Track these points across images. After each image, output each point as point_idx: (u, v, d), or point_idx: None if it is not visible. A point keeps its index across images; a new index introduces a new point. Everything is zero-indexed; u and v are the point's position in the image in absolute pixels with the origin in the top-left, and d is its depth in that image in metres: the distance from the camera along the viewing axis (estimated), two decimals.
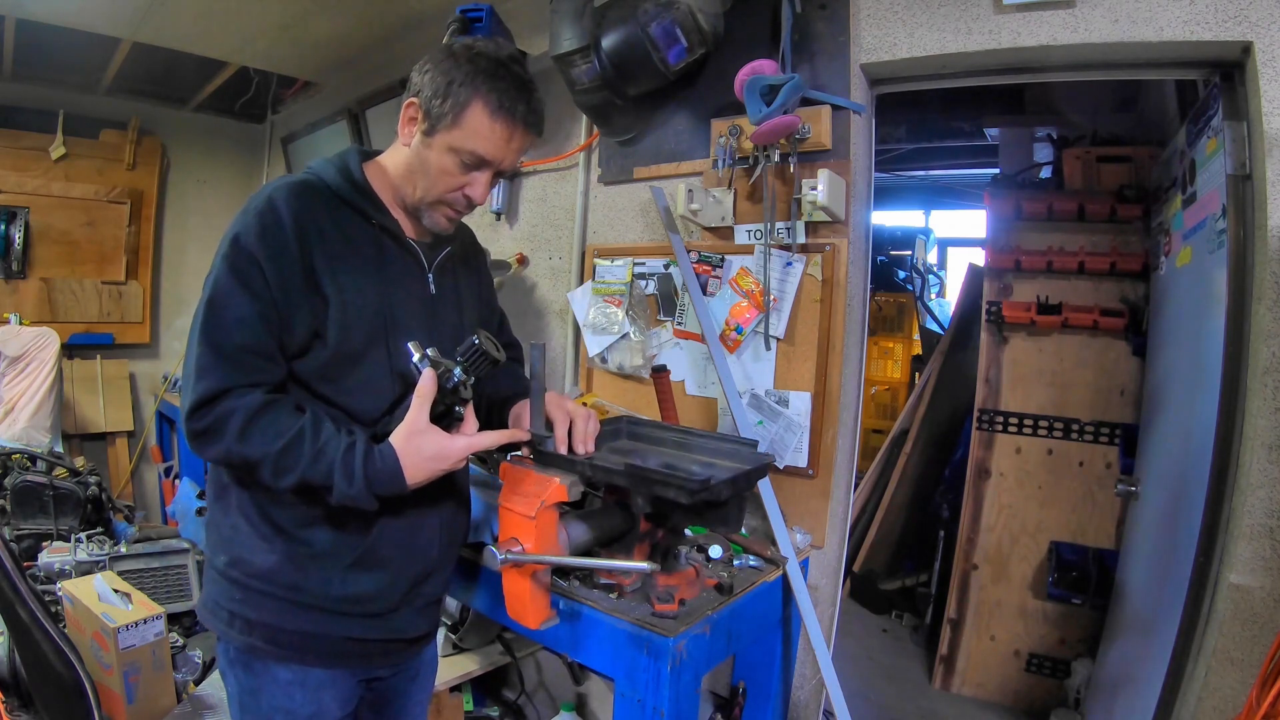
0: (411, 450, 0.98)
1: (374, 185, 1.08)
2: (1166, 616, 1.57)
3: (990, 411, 2.60)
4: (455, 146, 1.02)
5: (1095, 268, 2.42)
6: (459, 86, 1.00)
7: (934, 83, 1.75)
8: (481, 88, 1.00)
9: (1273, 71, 1.31)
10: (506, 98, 1.02)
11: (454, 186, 1.06)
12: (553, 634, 1.22)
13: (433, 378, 0.98)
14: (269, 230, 0.97)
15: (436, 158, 1.04)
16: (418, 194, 1.08)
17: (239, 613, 1.05)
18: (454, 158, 1.03)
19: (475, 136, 1.02)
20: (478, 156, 1.04)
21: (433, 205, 1.08)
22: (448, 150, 1.03)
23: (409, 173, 1.07)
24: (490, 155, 1.04)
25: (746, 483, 1.19)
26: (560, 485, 1.10)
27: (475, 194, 1.08)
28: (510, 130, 1.04)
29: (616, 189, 2.18)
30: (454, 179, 1.05)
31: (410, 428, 0.98)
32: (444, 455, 0.99)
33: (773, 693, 1.71)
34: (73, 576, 2.17)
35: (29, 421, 3.10)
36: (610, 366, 2.11)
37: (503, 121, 1.02)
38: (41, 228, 3.59)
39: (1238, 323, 1.42)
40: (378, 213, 1.07)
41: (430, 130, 1.03)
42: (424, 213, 1.10)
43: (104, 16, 2.71)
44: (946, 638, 2.68)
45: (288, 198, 1.00)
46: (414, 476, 0.99)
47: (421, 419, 0.98)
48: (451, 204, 1.09)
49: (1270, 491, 1.31)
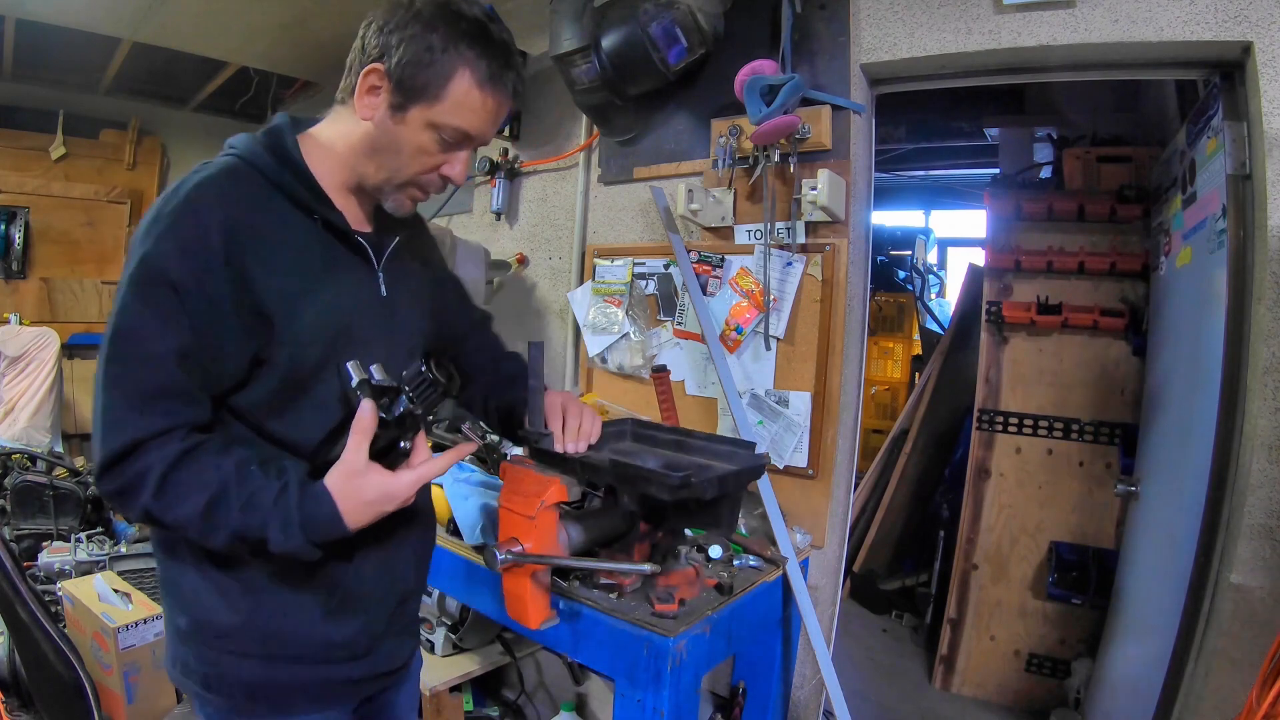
0: (351, 493, 0.84)
1: (312, 168, 0.90)
2: (1166, 616, 1.57)
3: (990, 411, 2.60)
4: (436, 122, 0.87)
5: (1095, 268, 2.42)
6: (441, 53, 0.85)
7: (934, 83, 1.75)
8: (468, 54, 0.86)
9: (1273, 71, 1.31)
10: (495, 65, 0.88)
11: (430, 167, 0.92)
12: (553, 634, 1.22)
13: (372, 409, 0.84)
14: (189, 245, 0.79)
15: (412, 135, 0.88)
16: (383, 175, 0.92)
17: (212, 674, 0.93)
18: (433, 134, 0.88)
19: (461, 110, 0.87)
20: (462, 133, 0.89)
21: (401, 187, 0.93)
22: (426, 126, 0.88)
23: (372, 151, 0.90)
24: (476, 131, 0.90)
25: (735, 483, 1.16)
26: (560, 485, 1.10)
27: (454, 173, 0.93)
28: (500, 103, 0.91)
29: (616, 189, 2.18)
30: (431, 158, 0.91)
31: (347, 469, 0.84)
32: (389, 496, 0.86)
33: (773, 693, 1.71)
34: (73, 576, 2.17)
35: (29, 421, 3.11)
36: (610, 366, 2.11)
37: (492, 93, 0.89)
38: (41, 228, 3.60)
39: (1238, 323, 1.42)
40: (320, 204, 0.89)
41: (403, 105, 0.87)
42: (388, 195, 0.94)
43: (104, 16, 2.71)
44: (946, 638, 2.67)
45: (214, 198, 0.82)
46: (355, 521, 0.85)
47: (359, 459, 0.84)
48: (424, 186, 0.94)
49: (1270, 491, 1.31)
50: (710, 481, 1.08)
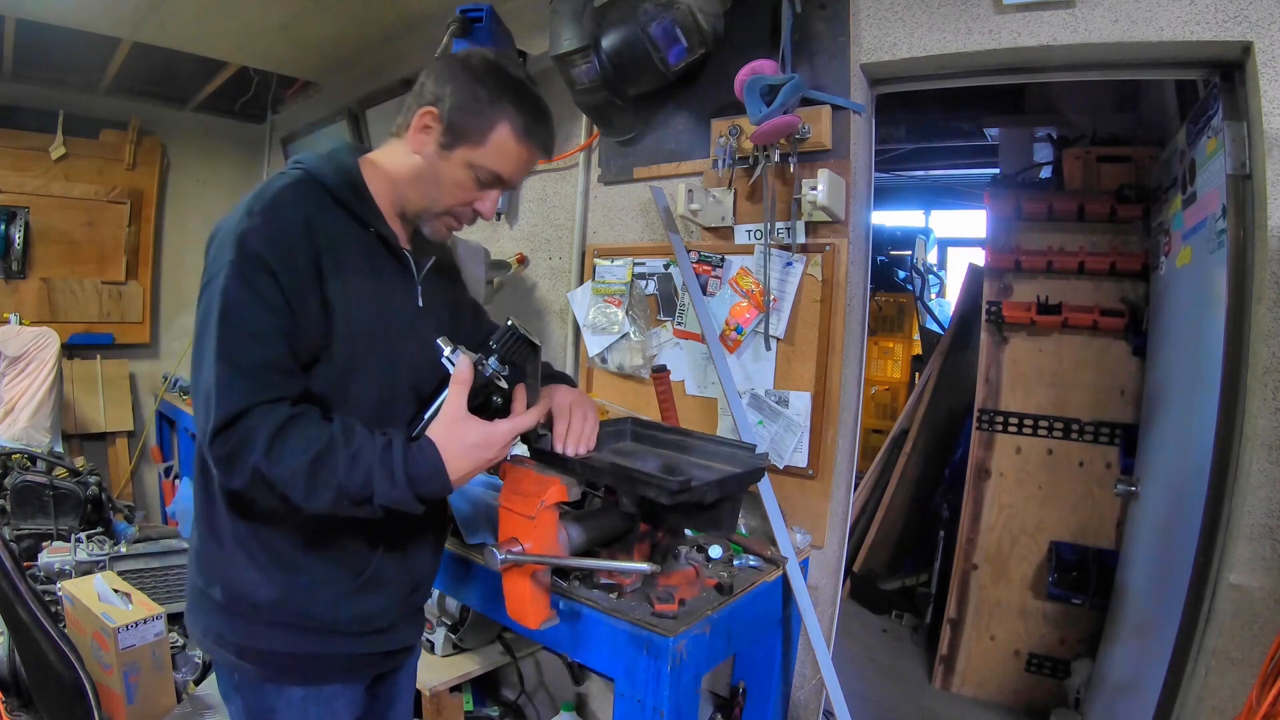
0: (454, 440, 0.93)
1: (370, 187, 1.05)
2: (1166, 616, 1.57)
3: (990, 411, 2.60)
4: (475, 163, 1.02)
5: (1095, 268, 2.42)
6: (487, 105, 1.00)
7: (934, 83, 1.75)
8: (509, 108, 1.00)
9: (1273, 71, 1.31)
10: (533, 121, 1.02)
11: (465, 201, 1.06)
12: (553, 634, 1.22)
13: (469, 365, 0.95)
14: (279, 233, 0.92)
15: (452, 171, 1.02)
16: (424, 203, 1.05)
17: (248, 645, 1.02)
18: (470, 173, 1.03)
19: (498, 156, 1.02)
20: (496, 175, 1.03)
21: (438, 216, 1.07)
22: (466, 165, 1.02)
23: (417, 181, 1.04)
24: (508, 175, 1.05)
25: (735, 486, 1.17)
26: (560, 485, 1.10)
27: (484, 209, 1.07)
28: (532, 155, 1.05)
29: (616, 189, 2.18)
30: (466, 194, 1.05)
31: (449, 418, 0.94)
32: (489, 442, 0.95)
33: (773, 693, 1.71)
34: (73, 576, 2.17)
35: (29, 421, 3.10)
36: (610, 366, 2.11)
37: (527, 145, 1.03)
38: (41, 228, 3.59)
39: (1238, 323, 1.42)
40: (375, 219, 1.03)
41: (450, 144, 1.01)
42: (426, 222, 1.08)
43: (104, 16, 2.71)
44: (946, 637, 2.68)
45: (295, 198, 0.96)
46: (458, 469, 0.94)
47: (460, 408, 0.94)
48: (458, 217, 1.08)
49: (1270, 491, 1.31)
50: (710, 485, 1.08)
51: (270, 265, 0.90)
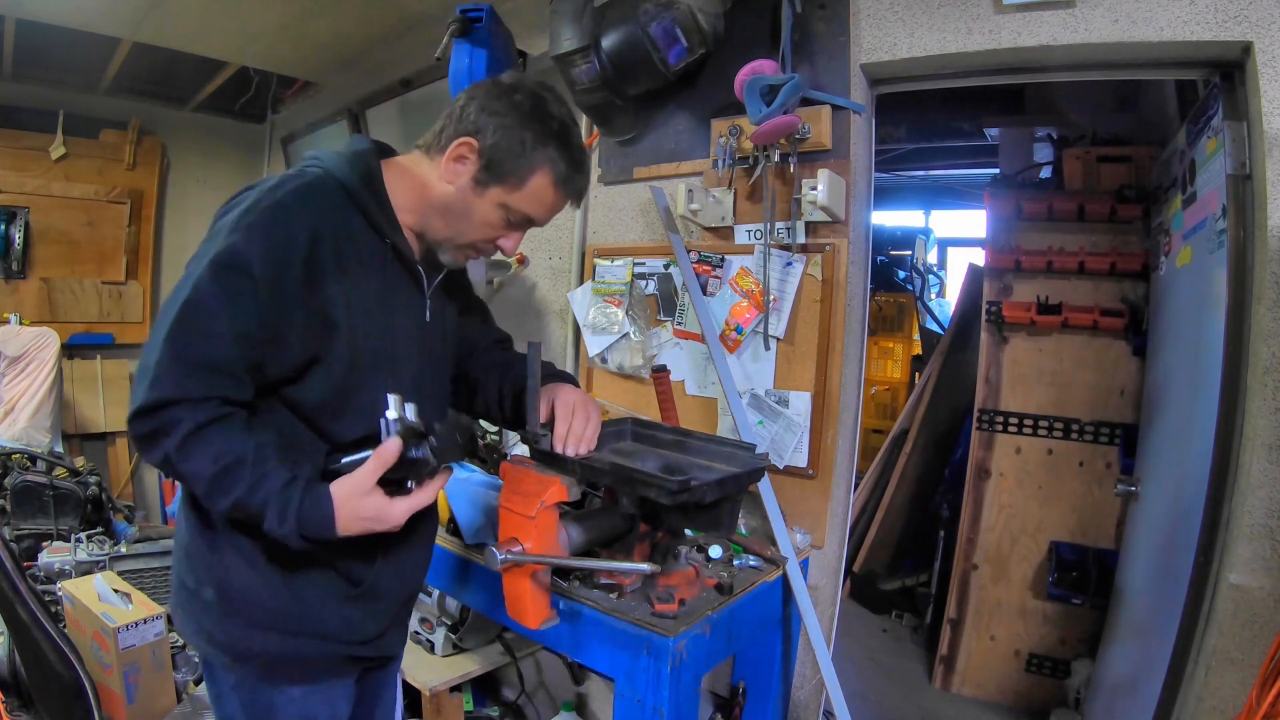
0: (350, 507, 0.92)
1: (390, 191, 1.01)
2: (1166, 616, 1.57)
3: (990, 411, 2.60)
4: (510, 205, 1.00)
5: (1095, 268, 2.42)
6: (530, 149, 0.97)
7: (934, 83, 1.75)
8: (552, 154, 0.98)
9: (1273, 71, 1.31)
10: (574, 170, 1.01)
11: (492, 238, 1.05)
12: (553, 634, 1.22)
13: (397, 448, 0.92)
14: (275, 245, 0.89)
15: (484, 209, 1.00)
16: (448, 233, 1.04)
17: (242, 646, 1.02)
18: (502, 213, 1.01)
19: (533, 201, 1.00)
20: (527, 218, 1.03)
21: (460, 248, 1.05)
22: (499, 205, 1.00)
23: (446, 212, 1.02)
24: (539, 218, 1.04)
25: (735, 486, 1.17)
26: (560, 485, 1.10)
27: (508, 246, 1.06)
28: (565, 202, 1.04)
29: (616, 189, 2.18)
30: (494, 231, 1.04)
31: (355, 486, 0.92)
32: (381, 519, 0.93)
33: (773, 693, 1.71)
34: (73, 576, 2.17)
35: (29, 421, 3.10)
36: (610, 366, 2.11)
37: (563, 193, 1.02)
38: (41, 228, 3.59)
39: (1238, 323, 1.42)
40: (393, 231, 1.00)
41: (486, 181, 0.99)
42: (446, 251, 1.06)
43: (104, 16, 2.71)
44: (946, 638, 2.67)
45: (304, 206, 0.92)
46: (345, 530, 0.93)
47: (368, 482, 0.92)
48: (481, 250, 1.07)
49: (1270, 491, 1.31)
50: (710, 485, 1.08)
51: (254, 273, 0.87)
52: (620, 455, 1.24)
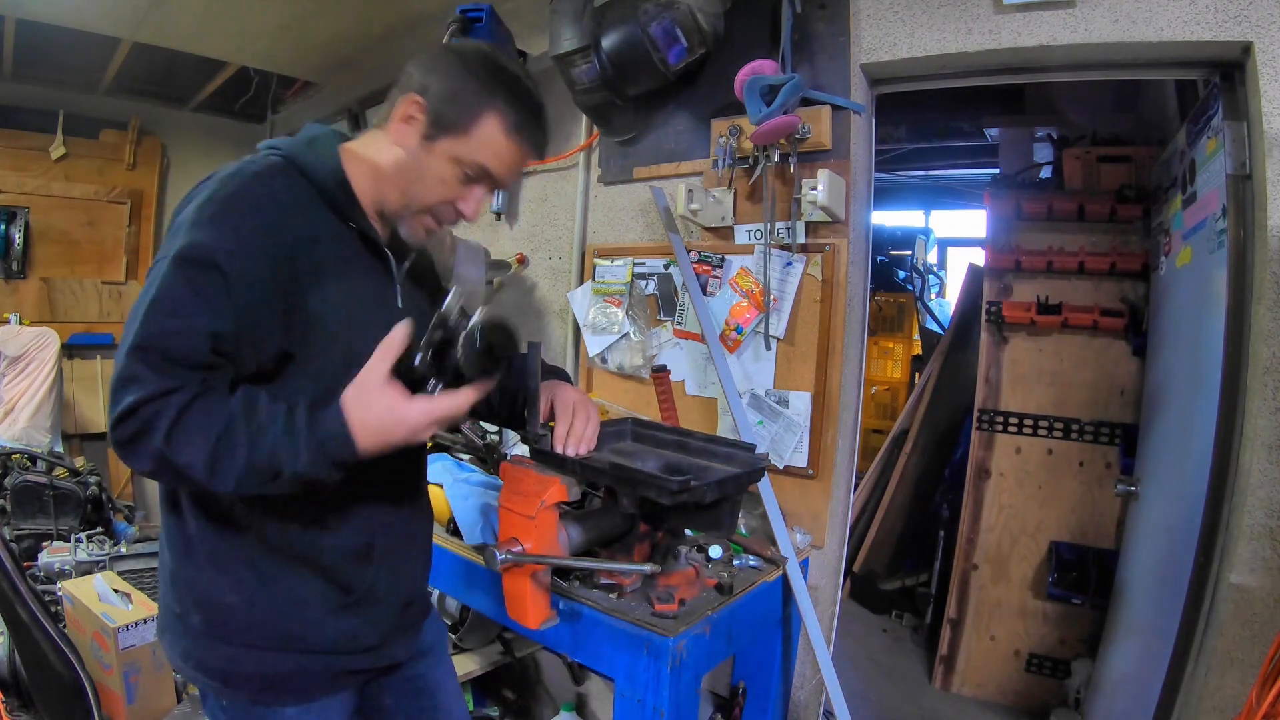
0: (360, 412, 0.83)
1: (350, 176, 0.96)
2: (1166, 616, 1.57)
3: (990, 411, 2.60)
4: (461, 157, 0.94)
5: (1095, 268, 2.42)
6: (475, 95, 0.93)
7: (934, 83, 1.75)
8: (500, 101, 0.93)
9: (1273, 71, 1.31)
10: (524, 117, 0.96)
11: (447, 198, 0.97)
12: (553, 634, 1.22)
13: (405, 332, 0.85)
14: (238, 233, 0.83)
15: (436, 166, 0.95)
16: (403, 200, 0.97)
17: (231, 670, 0.96)
18: (455, 168, 0.95)
19: (485, 150, 0.95)
20: (483, 170, 0.96)
21: (417, 214, 0.99)
22: (450, 160, 0.94)
23: (397, 176, 0.96)
24: (496, 172, 0.97)
25: (735, 486, 1.16)
26: (560, 485, 1.10)
27: (468, 209, 0.99)
28: (523, 153, 0.98)
29: (616, 189, 2.18)
30: (449, 190, 0.97)
31: (360, 382, 0.84)
32: (398, 419, 0.84)
33: (773, 693, 1.71)
34: (73, 576, 2.17)
35: (29, 421, 3.11)
36: (610, 366, 2.11)
37: (518, 143, 0.96)
38: (41, 228, 3.60)
39: (1238, 323, 1.42)
40: (357, 214, 0.96)
41: (434, 135, 0.94)
42: (403, 221, 0.99)
43: (104, 16, 2.71)
44: (946, 638, 2.67)
45: (264, 192, 0.87)
46: (365, 440, 0.84)
47: (375, 375, 0.84)
48: (439, 216, 1.00)
49: (1270, 491, 1.31)
50: (710, 485, 1.08)
51: (220, 264, 0.82)
52: (620, 455, 1.24)
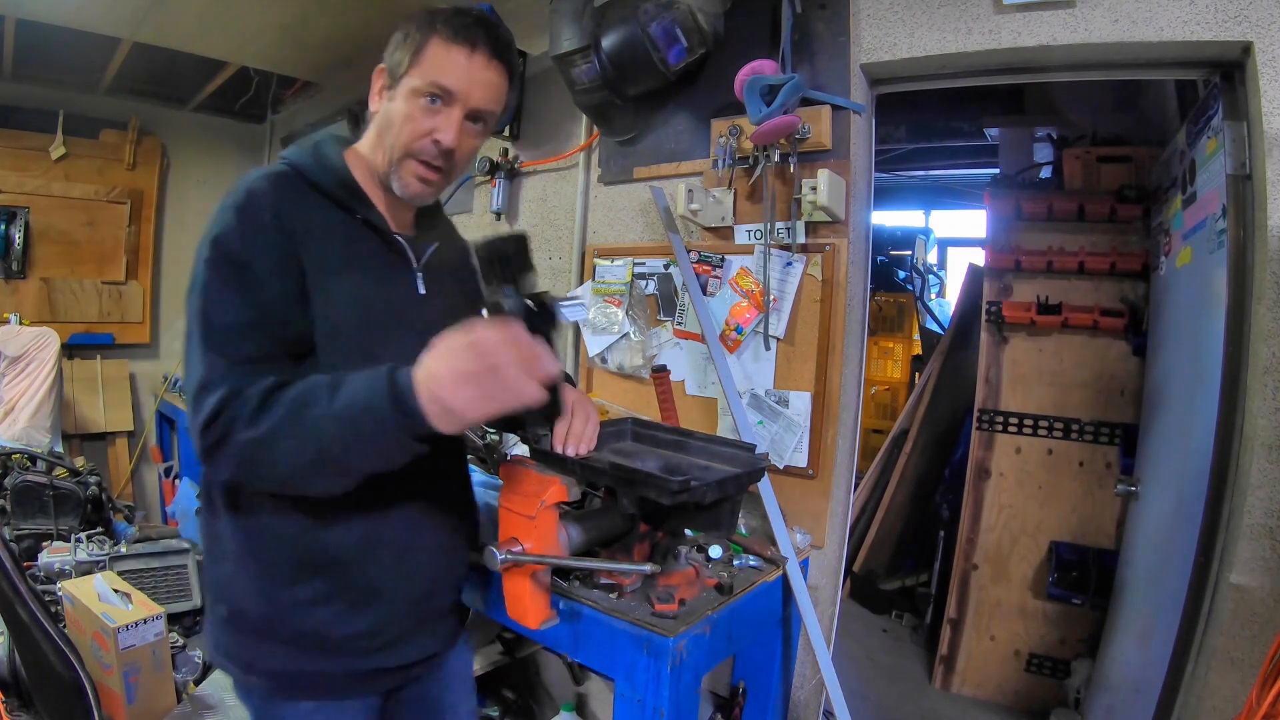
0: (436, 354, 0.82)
1: (354, 173, 1.02)
2: (1166, 616, 1.57)
3: (990, 411, 2.60)
4: (417, 86, 0.97)
5: (1095, 268, 2.42)
6: (415, 30, 0.98)
7: (934, 83, 1.75)
8: (436, 22, 0.98)
9: (1273, 71, 1.31)
10: (462, 25, 0.98)
11: (421, 132, 0.98)
12: (553, 634, 1.22)
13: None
14: (250, 226, 0.90)
15: (401, 105, 0.99)
16: (386, 156, 1.01)
17: (252, 661, 1.02)
18: (418, 100, 0.98)
19: (434, 67, 0.97)
20: (440, 86, 0.97)
21: (402, 161, 1.00)
22: (411, 94, 0.98)
23: (378, 136, 1.01)
24: (453, 84, 0.97)
25: (735, 486, 1.16)
26: (560, 485, 1.09)
27: (445, 137, 0.98)
28: (470, 53, 0.97)
29: (616, 189, 2.18)
30: (420, 123, 0.98)
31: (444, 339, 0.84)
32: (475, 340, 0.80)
33: (773, 693, 1.71)
34: (73, 576, 2.17)
35: (29, 421, 3.10)
36: (610, 366, 2.11)
37: (461, 45, 0.97)
38: (41, 228, 3.59)
39: (1238, 323, 1.42)
40: (360, 205, 1.00)
41: (393, 82, 1.00)
42: (394, 176, 1.01)
43: (104, 16, 2.71)
44: (946, 638, 2.67)
45: (268, 190, 0.93)
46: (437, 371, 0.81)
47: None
48: (420, 154, 1.00)
49: (1270, 491, 1.31)
50: (710, 485, 1.08)
51: (244, 259, 0.89)
52: (620, 455, 1.24)
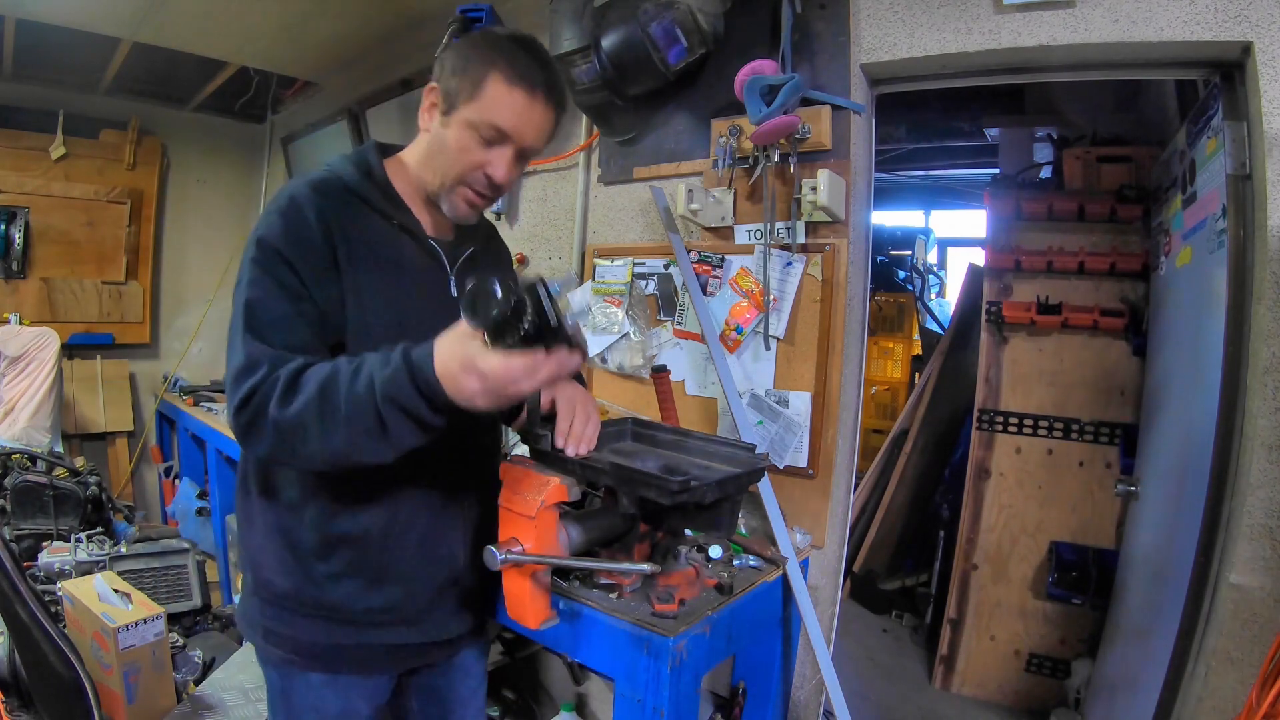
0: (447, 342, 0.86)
1: (394, 182, 1.07)
2: (1166, 616, 1.57)
3: (990, 411, 2.60)
4: (473, 120, 1.00)
5: (1095, 268, 2.42)
6: (476, 62, 1.00)
7: (934, 83, 1.75)
8: (499, 60, 0.99)
9: (1273, 71, 1.31)
10: (523, 66, 1.00)
11: (473, 165, 1.03)
12: (553, 634, 1.22)
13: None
14: (293, 228, 0.96)
15: (455, 135, 1.01)
16: (438, 179, 1.05)
17: (272, 628, 1.07)
18: (473, 133, 1.01)
19: (493, 107, 0.99)
20: (497, 128, 1.00)
21: (452, 188, 1.05)
22: (466, 126, 1.01)
23: (429, 157, 1.06)
24: (510, 127, 1.01)
25: (735, 486, 1.16)
26: (560, 485, 1.09)
27: (497, 173, 1.03)
28: (530, 99, 1.01)
29: (616, 189, 2.18)
30: (473, 156, 1.02)
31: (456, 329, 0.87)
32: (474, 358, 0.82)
33: (773, 693, 1.71)
34: (73, 576, 2.17)
35: (29, 421, 3.10)
36: (610, 366, 2.11)
37: (521, 89, 1.00)
38: (41, 228, 3.59)
39: (1238, 323, 1.42)
40: (397, 211, 1.05)
41: (449, 109, 1.01)
42: (444, 199, 1.06)
43: (104, 16, 2.71)
44: (946, 638, 2.68)
45: (309, 195, 0.99)
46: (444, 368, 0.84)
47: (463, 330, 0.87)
48: (472, 184, 1.05)
49: (1270, 491, 1.31)
50: (710, 485, 1.08)
51: (287, 257, 0.95)
52: (620, 455, 1.24)
